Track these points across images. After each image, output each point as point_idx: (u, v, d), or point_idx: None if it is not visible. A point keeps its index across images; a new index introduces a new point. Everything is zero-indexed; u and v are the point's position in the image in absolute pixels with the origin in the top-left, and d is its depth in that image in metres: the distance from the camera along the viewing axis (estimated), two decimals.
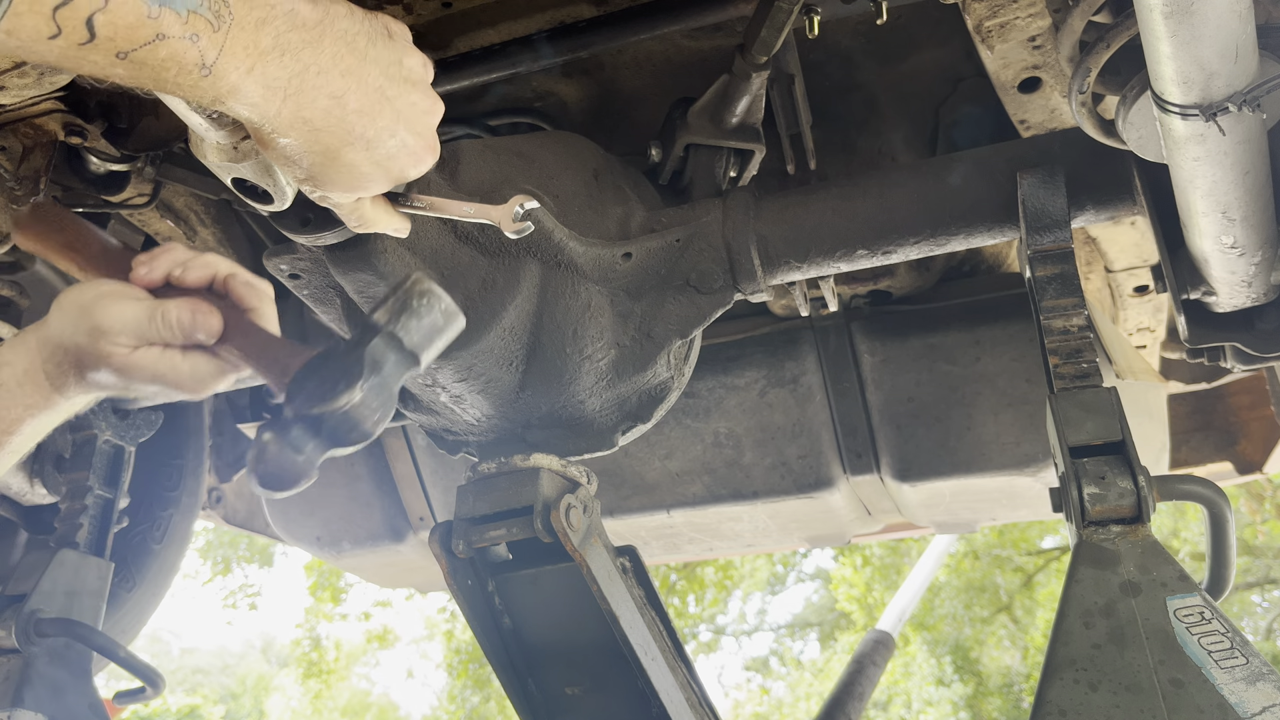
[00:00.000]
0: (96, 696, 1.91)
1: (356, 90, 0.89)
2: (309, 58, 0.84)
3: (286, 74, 0.83)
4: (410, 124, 0.96)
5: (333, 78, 0.87)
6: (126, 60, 0.74)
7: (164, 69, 0.76)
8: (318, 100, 0.86)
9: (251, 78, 0.81)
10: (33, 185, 1.54)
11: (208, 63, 0.77)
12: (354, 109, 0.89)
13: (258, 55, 0.80)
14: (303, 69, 0.84)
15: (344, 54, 0.88)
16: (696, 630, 15.19)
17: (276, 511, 2.49)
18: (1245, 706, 1.05)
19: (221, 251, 2.05)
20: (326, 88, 0.87)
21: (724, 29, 1.71)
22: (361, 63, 0.89)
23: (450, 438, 1.64)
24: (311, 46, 0.84)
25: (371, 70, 0.90)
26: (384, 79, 0.92)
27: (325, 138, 0.89)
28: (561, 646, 1.53)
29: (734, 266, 1.50)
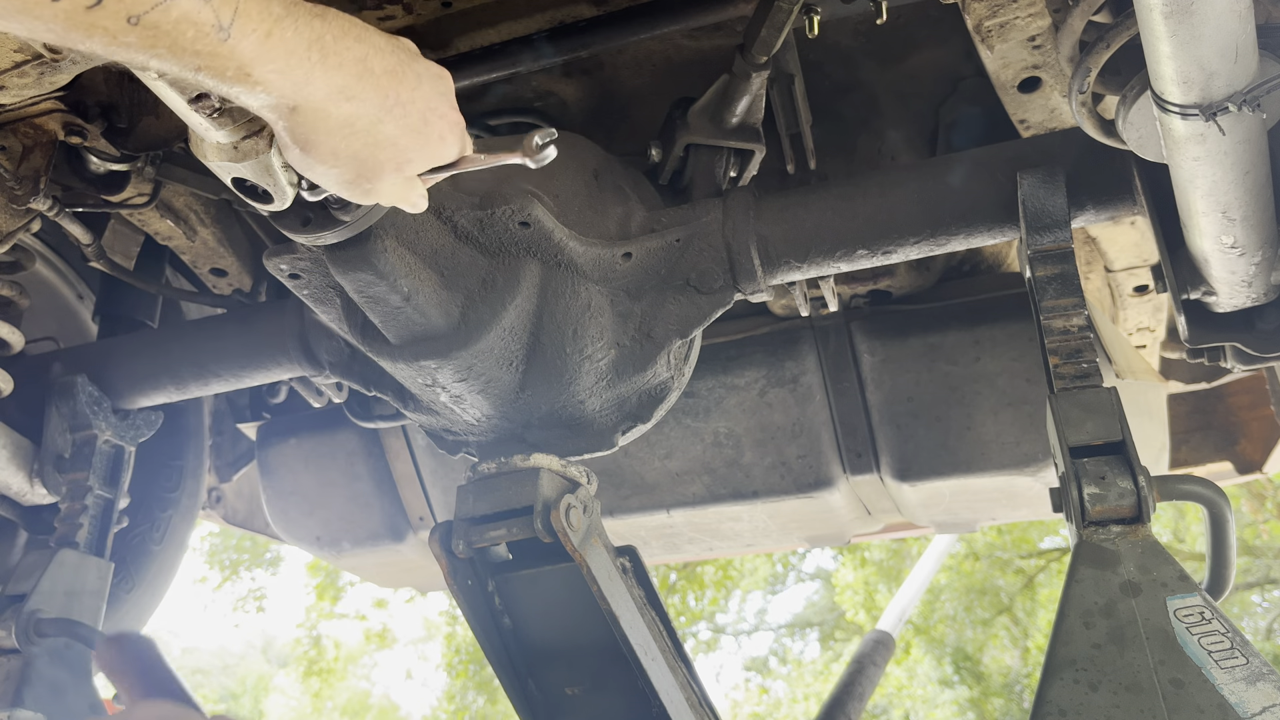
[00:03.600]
0: (96, 696, 1.91)
1: (375, 54, 0.88)
2: (320, 27, 0.83)
3: (305, 40, 0.81)
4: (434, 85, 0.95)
5: (349, 43, 0.86)
6: (139, 26, 0.71)
7: (180, 33, 0.73)
8: (345, 64, 0.85)
9: (272, 42, 0.79)
10: (33, 185, 1.54)
11: (224, 24, 0.75)
12: (381, 70, 0.88)
13: (273, 20, 0.79)
14: (318, 37, 0.83)
15: (350, 26, 0.87)
16: (696, 630, 15.19)
17: (276, 511, 2.49)
18: (1245, 706, 1.05)
19: (220, 252, 2.05)
20: (349, 51, 0.85)
21: (724, 29, 1.71)
22: (368, 32, 0.88)
23: (450, 438, 1.64)
24: (319, 18, 0.83)
25: (379, 39, 0.90)
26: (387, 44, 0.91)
27: (364, 108, 0.88)
28: (561, 646, 1.53)
29: (734, 266, 1.50)
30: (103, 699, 1.94)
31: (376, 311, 1.37)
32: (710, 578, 13.85)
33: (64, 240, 2.30)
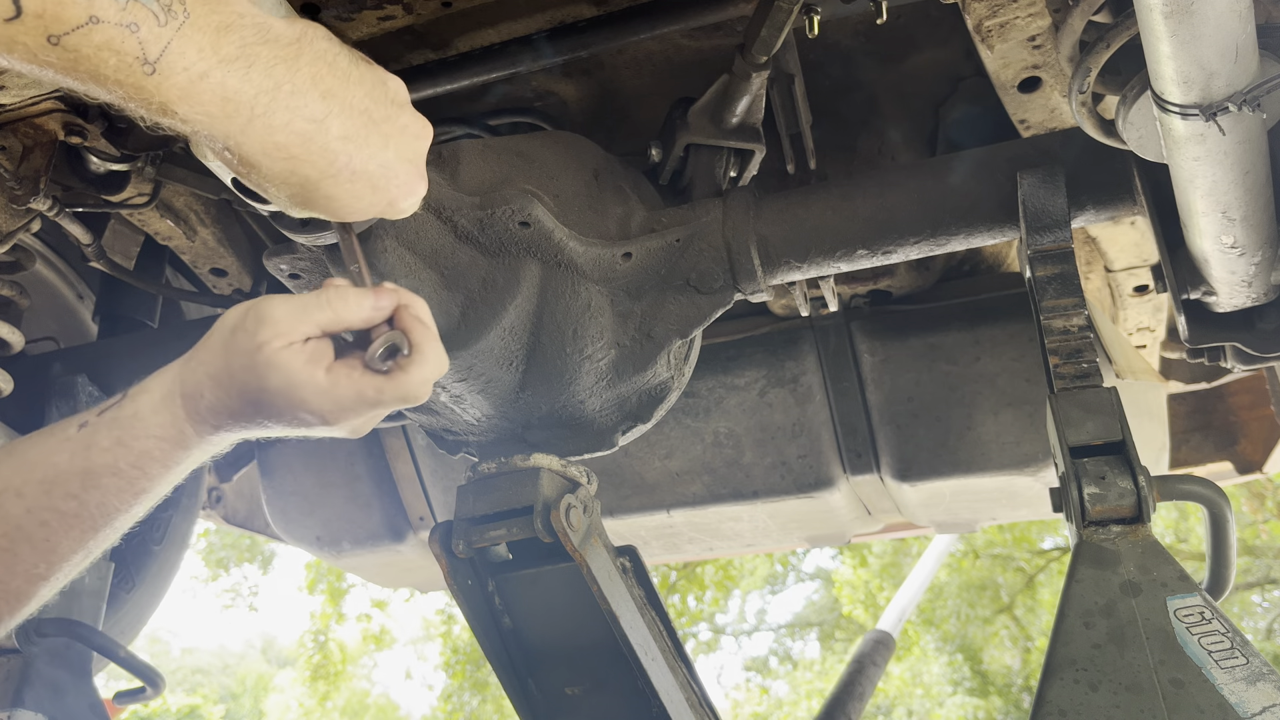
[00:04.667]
0: (96, 696, 1.91)
1: (340, 114, 0.82)
2: (282, 75, 0.77)
3: (254, 89, 0.75)
4: (400, 150, 0.88)
5: (311, 99, 0.79)
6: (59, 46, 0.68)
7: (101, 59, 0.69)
8: (293, 123, 0.79)
9: (206, 85, 0.73)
10: (33, 185, 1.54)
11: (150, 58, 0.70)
12: (338, 135, 0.82)
13: (216, 61, 0.73)
14: (274, 86, 0.76)
15: (324, 74, 0.80)
16: (696, 630, 15.19)
17: (276, 511, 2.49)
18: (1245, 706, 1.05)
19: (220, 252, 2.05)
20: (304, 110, 0.79)
21: (724, 29, 1.71)
22: (344, 83, 0.82)
23: (450, 438, 1.64)
24: (286, 64, 0.77)
25: (356, 92, 0.83)
26: (370, 100, 0.84)
27: (303, 167, 0.82)
28: (561, 646, 1.53)
29: (734, 266, 1.50)
30: (103, 699, 1.94)
31: None
32: (710, 578, 13.85)
33: (64, 240, 2.30)
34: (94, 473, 0.87)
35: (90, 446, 0.87)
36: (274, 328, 0.84)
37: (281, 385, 0.84)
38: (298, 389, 0.85)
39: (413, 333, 0.90)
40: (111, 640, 1.89)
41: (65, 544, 0.88)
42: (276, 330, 0.84)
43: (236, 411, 0.87)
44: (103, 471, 0.87)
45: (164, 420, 0.88)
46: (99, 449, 0.87)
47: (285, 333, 0.84)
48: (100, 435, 0.88)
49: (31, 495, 0.87)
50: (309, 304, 0.86)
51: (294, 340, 0.85)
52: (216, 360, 0.87)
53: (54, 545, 0.88)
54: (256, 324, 0.85)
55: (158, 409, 0.88)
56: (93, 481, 0.87)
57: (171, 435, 0.88)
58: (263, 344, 0.84)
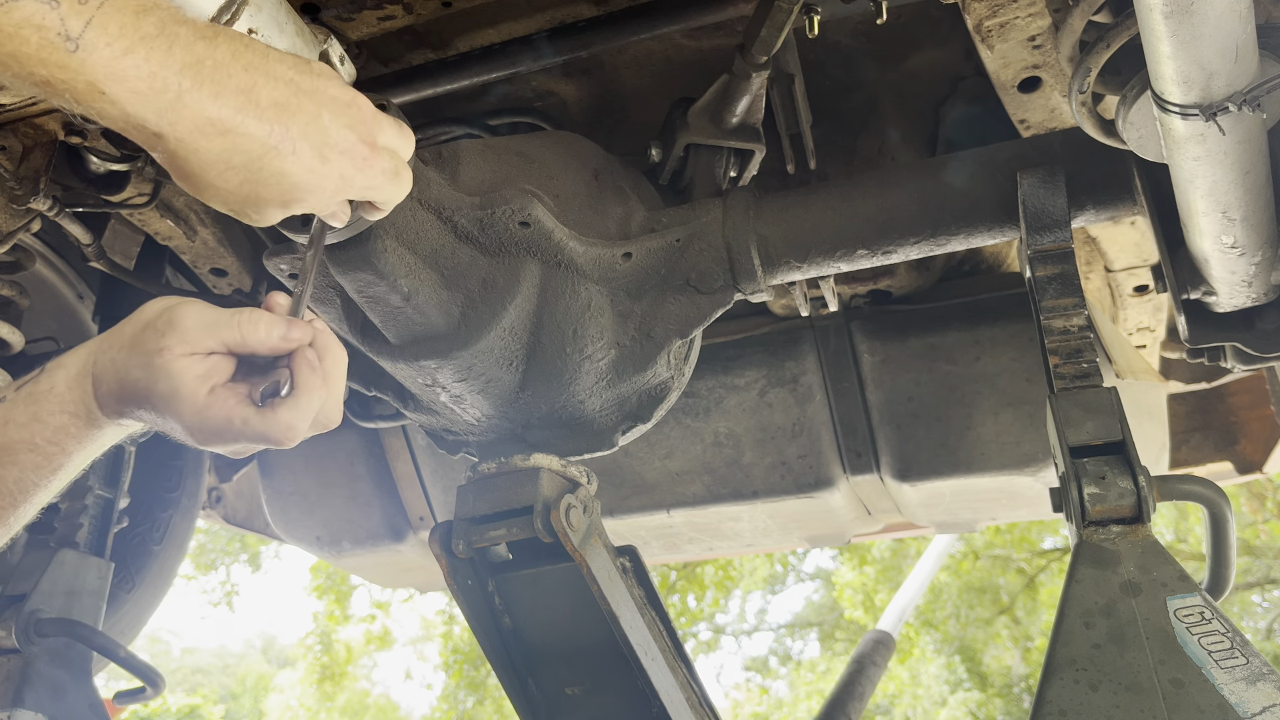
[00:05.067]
0: (96, 696, 1.91)
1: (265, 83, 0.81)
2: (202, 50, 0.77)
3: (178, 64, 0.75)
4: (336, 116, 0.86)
5: (234, 71, 0.79)
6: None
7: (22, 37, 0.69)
8: (222, 94, 0.78)
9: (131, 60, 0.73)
10: (33, 185, 1.54)
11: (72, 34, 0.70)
12: (268, 102, 0.81)
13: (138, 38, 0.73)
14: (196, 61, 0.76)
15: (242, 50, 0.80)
16: (696, 630, 15.19)
17: (276, 511, 2.49)
18: (1245, 706, 1.05)
19: (220, 252, 2.05)
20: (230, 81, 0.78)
21: (724, 29, 1.71)
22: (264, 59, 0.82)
23: (450, 438, 1.64)
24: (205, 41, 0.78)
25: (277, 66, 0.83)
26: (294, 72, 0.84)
27: (243, 141, 0.80)
28: (561, 646, 1.53)
29: (734, 266, 1.50)
30: (103, 699, 1.94)
31: (376, 311, 1.37)
32: (710, 578, 13.84)
33: (64, 240, 2.30)
34: (10, 448, 0.88)
35: (7, 422, 0.88)
36: (179, 335, 0.86)
37: (165, 393, 0.86)
38: (176, 400, 0.86)
39: (299, 374, 0.89)
40: (111, 640, 1.89)
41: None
42: (182, 338, 0.86)
43: (127, 403, 0.88)
44: (19, 447, 0.88)
45: (75, 398, 0.89)
46: (15, 424, 0.88)
47: (189, 342, 0.86)
48: (17, 410, 0.89)
49: None
50: (221, 320, 0.88)
51: (196, 351, 0.86)
52: (122, 351, 0.88)
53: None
54: (166, 326, 0.86)
55: (71, 386, 0.89)
56: (10, 457, 0.88)
57: (82, 413, 0.89)
58: (164, 349, 0.85)
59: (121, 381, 0.87)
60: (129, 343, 0.88)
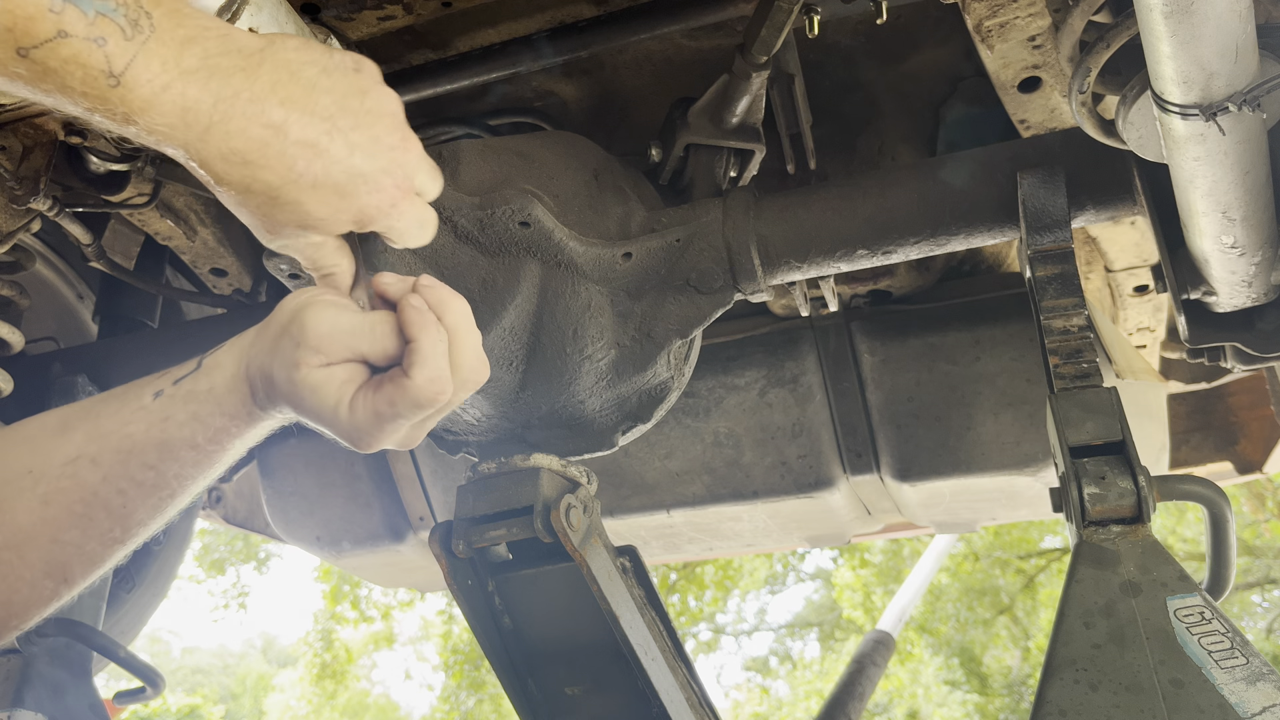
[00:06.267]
0: (96, 696, 1.91)
1: (300, 120, 0.81)
2: (240, 83, 0.78)
3: (211, 97, 0.77)
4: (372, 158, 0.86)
5: (269, 106, 0.80)
6: (28, 59, 0.70)
7: (68, 72, 0.71)
8: (249, 129, 0.79)
9: (168, 96, 0.75)
10: (33, 185, 1.54)
11: (115, 71, 0.72)
12: (295, 139, 0.82)
13: (178, 73, 0.75)
14: (233, 94, 0.78)
15: (285, 82, 0.81)
16: (696, 630, 15.19)
17: (276, 511, 2.49)
18: (1245, 706, 1.05)
19: (221, 252, 2.05)
20: (261, 117, 0.79)
21: (724, 29, 1.71)
22: (308, 92, 0.82)
23: (450, 438, 1.64)
24: (245, 73, 0.79)
25: (322, 100, 0.83)
26: (337, 109, 0.84)
27: (262, 173, 0.81)
28: (561, 646, 1.53)
29: (734, 266, 1.50)
30: (103, 699, 1.94)
31: None
32: (710, 578, 13.85)
33: (64, 240, 2.30)
34: (171, 445, 0.88)
35: (167, 419, 0.88)
36: (314, 348, 0.84)
37: (313, 407, 0.85)
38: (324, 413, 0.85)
39: (408, 325, 0.85)
40: (111, 640, 1.89)
41: (142, 511, 0.89)
42: (315, 350, 0.84)
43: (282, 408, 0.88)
44: (180, 445, 0.88)
45: (235, 400, 0.89)
46: (175, 423, 0.88)
47: (324, 352, 0.85)
48: (176, 409, 0.88)
49: (108, 464, 0.87)
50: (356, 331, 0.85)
51: (332, 361, 0.85)
52: (267, 357, 0.87)
53: (131, 512, 0.89)
54: (300, 335, 0.85)
55: (230, 389, 0.89)
56: (170, 454, 0.88)
57: (243, 415, 0.89)
58: (299, 362, 0.84)
59: (270, 391, 0.87)
60: (271, 348, 0.87)
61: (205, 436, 0.88)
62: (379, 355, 0.86)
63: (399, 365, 0.86)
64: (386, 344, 0.86)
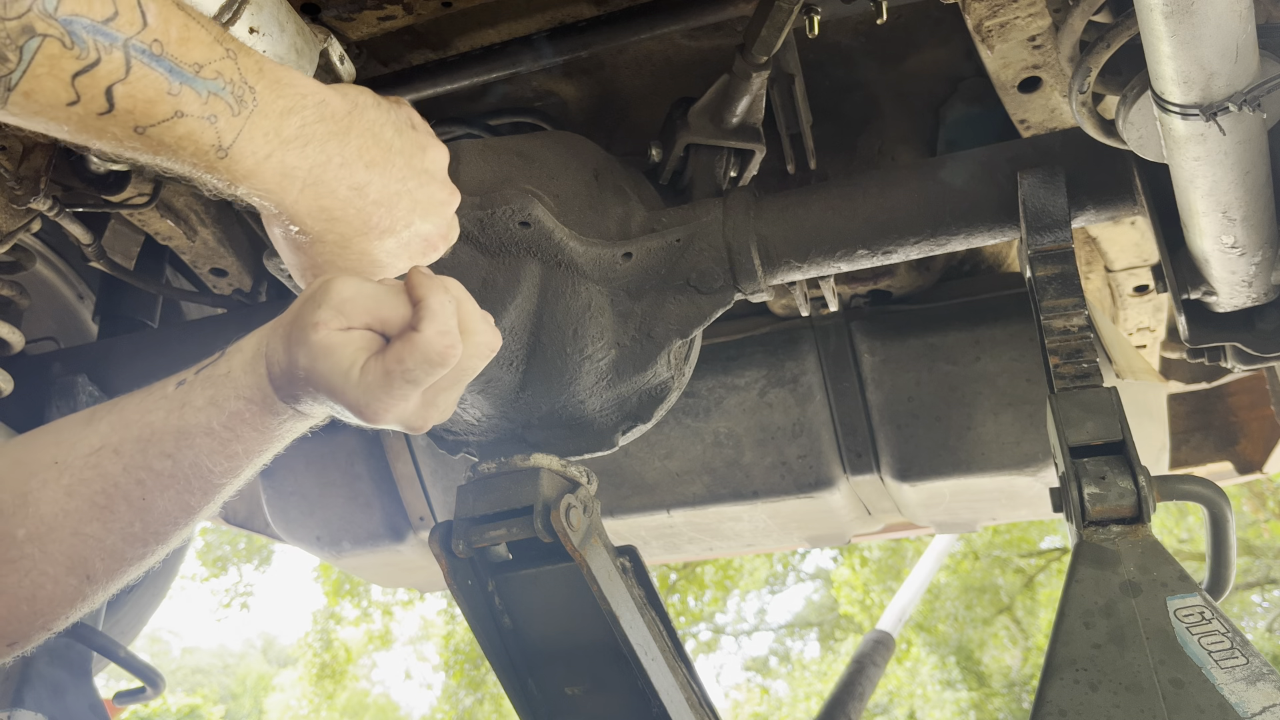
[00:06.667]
0: (96, 696, 1.91)
1: (379, 182, 0.89)
2: (334, 149, 0.84)
3: (308, 164, 0.83)
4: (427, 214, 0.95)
5: (356, 170, 0.86)
6: (144, 135, 0.74)
7: (180, 147, 0.76)
8: (338, 191, 0.86)
9: (269, 164, 0.80)
10: (33, 185, 1.54)
11: (224, 145, 0.77)
12: (373, 199, 0.89)
13: (279, 143, 0.80)
14: (326, 160, 0.84)
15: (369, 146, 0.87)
16: (696, 630, 15.19)
17: (276, 511, 2.49)
18: (1245, 706, 1.05)
19: (221, 252, 2.05)
20: (349, 179, 0.86)
21: (724, 29, 1.71)
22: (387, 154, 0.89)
23: (450, 438, 1.64)
24: (338, 139, 0.84)
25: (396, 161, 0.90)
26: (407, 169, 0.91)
27: (341, 226, 0.89)
28: (561, 646, 1.53)
29: (734, 266, 1.50)
30: (103, 699, 1.94)
31: None
32: (710, 578, 13.85)
33: (64, 240, 2.30)
34: (188, 432, 0.87)
35: (185, 405, 0.87)
36: (335, 309, 0.83)
37: (325, 371, 0.83)
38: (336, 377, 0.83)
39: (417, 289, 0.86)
40: (111, 640, 1.89)
41: (161, 503, 0.88)
42: (339, 310, 0.83)
43: (296, 384, 0.86)
44: (196, 431, 0.87)
45: (251, 382, 0.87)
46: (193, 408, 0.87)
47: (345, 315, 0.83)
48: (195, 394, 0.88)
49: (128, 453, 0.87)
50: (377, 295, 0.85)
51: (352, 326, 0.84)
52: (286, 328, 0.86)
53: (150, 504, 0.88)
54: (323, 298, 0.84)
55: (247, 369, 0.87)
56: (186, 441, 0.87)
57: (259, 399, 0.87)
58: (318, 323, 0.83)
59: (288, 361, 0.85)
60: (291, 319, 0.86)
61: (220, 422, 0.87)
62: (396, 320, 0.85)
63: None
64: (403, 309, 0.86)
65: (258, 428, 0.88)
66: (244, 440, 0.88)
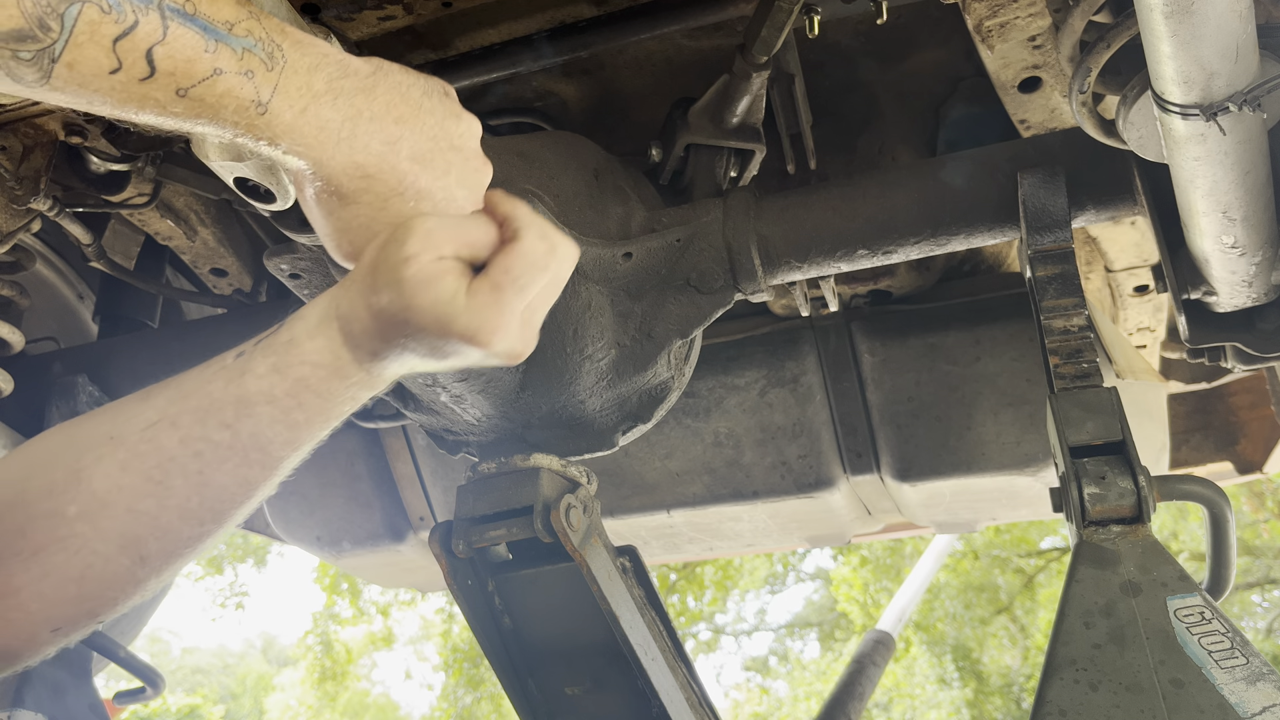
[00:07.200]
0: (96, 696, 1.91)
1: (411, 137, 0.88)
2: (362, 103, 0.84)
3: (340, 117, 0.83)
4: (463, 180, 0.92)
5: (386, 124, 0.86)
6: (186, 97, 0.75)
7: (221, 105, 0.77)
8: (371, 145, 0.85)
9: (305, 118, 0.81)
10: (33, 185, 1.54)
11: (263, 100, 0.78)
12: (407, 155, 0.88)
13: (311, 97, 0.81)
14: (355, 114, 0.84)
15: (397, 102, 0.87)
16: (696, 630, 15.19)
17: (276, 511, 2.49)
18: (1245, 706, 1.05)
19: (221, 252, 2.05)
20: (380, 134, 0.85)
21: (724, 29, 1.71)
22: (416, 111, 0.88)
23: (450, 438, 1.64)
24: (365, 93, 0.84)
25: (426, 120, 0.89)
26: (439, 129, 0.90)
27: (377, 185, 0.87)
28: (561, 646, 1.53)
29: (734, 266, 1.50)
30: (103, 699, 1.94)
31: None
32: (710, 578, 13.85)
33: (64, 240, 2.30)
34: (248, 400, 0.85)
35: (245, 373, 0.85)
36: (425, 239, 0.83)
37: (428, 304, 0.82)
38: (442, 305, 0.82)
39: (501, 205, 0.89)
40: (111, 640, 1.89)
41: (219, 477, 0.86)
42: (429, 242, 0.83)
43: (389, 335, 0.85)
44: (257, 399, 0.85)
45: (320, 345, 0.86)
46: (254, 375, 0.85)
47: (434, 246, 0.83)
48: (256, 362, 0.86)
49: (186, 425, 0.85)
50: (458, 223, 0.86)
51: (444, 255, 0.83)
52: (364, 282, 0.85)
53: (207, 478, 0.85)
54: (406, 233, 0.83)
55: (313, 334, 0.86)
56: (246, 410, 0.85)
57: (328, 362, 0.86)
58: (410, 257, 0.82)
59: (375, 312, 0.84)
60: (368, 271, 0.85)
61: (284, 389, 0.85)
62: (483, 242, 0.86)
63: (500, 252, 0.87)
64: (489, 231, 0.87)
65: (322, 394, 0.86)
66: (306, 408, 0.86)
